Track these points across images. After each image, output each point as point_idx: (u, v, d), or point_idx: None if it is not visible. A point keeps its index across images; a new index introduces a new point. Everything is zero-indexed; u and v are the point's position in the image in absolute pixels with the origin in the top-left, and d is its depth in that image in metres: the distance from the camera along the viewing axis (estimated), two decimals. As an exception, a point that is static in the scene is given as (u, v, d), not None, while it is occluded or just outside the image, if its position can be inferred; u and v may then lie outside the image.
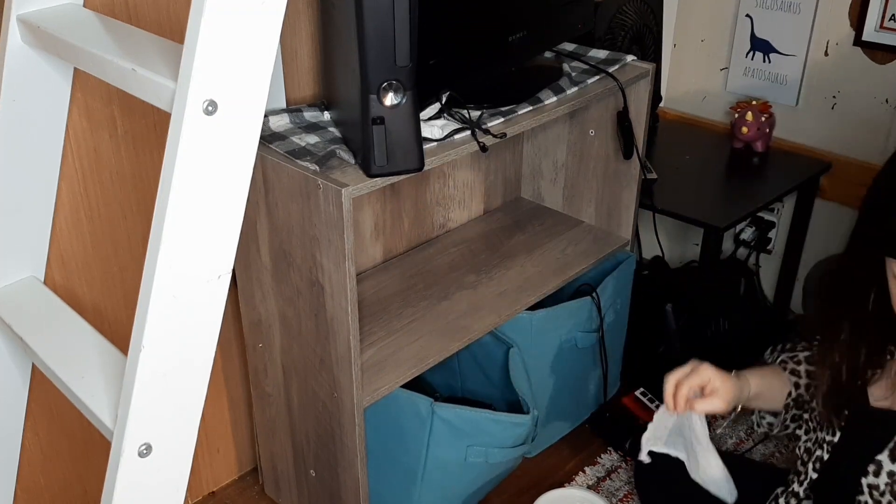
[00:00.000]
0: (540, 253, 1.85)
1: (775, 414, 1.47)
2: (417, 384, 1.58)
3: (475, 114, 1.45)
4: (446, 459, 1.56)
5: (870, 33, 1.95)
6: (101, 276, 1.45)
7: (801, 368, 1.42)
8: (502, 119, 1.47)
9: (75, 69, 1.23)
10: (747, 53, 2.17)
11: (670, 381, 1.34)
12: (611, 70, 1.68)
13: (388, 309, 1.65)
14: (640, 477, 1.67)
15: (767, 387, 1.41)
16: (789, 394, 1.42)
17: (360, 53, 1.17)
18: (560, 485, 1.79)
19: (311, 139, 1.38)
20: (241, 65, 0.91)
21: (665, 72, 2.34)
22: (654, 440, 1.42)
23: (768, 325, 2.22)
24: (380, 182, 1.28)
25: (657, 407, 1.95)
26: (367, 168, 1.26)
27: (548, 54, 1.77)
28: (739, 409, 1.39)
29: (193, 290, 0.96)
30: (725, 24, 2.20)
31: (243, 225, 1.00)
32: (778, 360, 1.46)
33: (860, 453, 1.25)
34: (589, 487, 1.79)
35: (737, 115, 2.11)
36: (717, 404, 1.32)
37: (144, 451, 1.00)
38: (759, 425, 1.51)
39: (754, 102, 2.11)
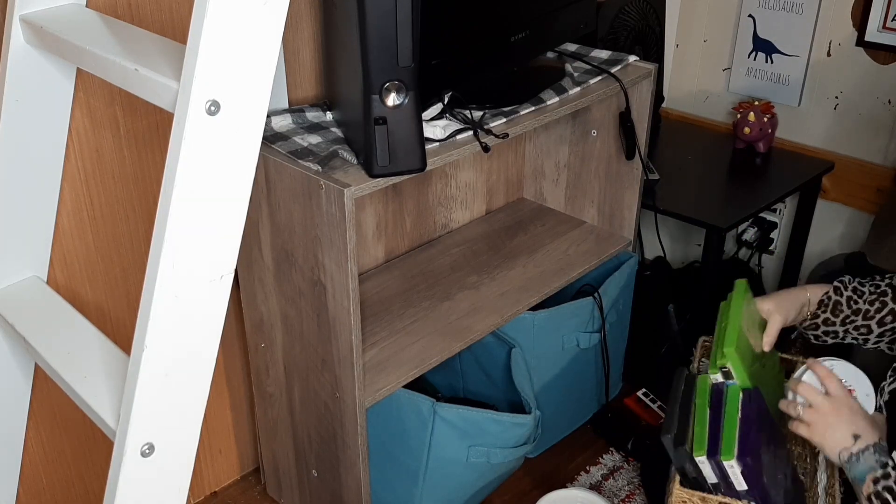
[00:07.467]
0: (542, 253, 1.85)
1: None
2: (419, 384, 1.58)
3: (477, 114, 1.45)
4: (448, 460, 1.56)
5: (872, 34, 1.95)
6: (104, 276, 1.45)
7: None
8: (504, 119, 1.46)
9: (78, 69, 1.23)
10: (750, 54, 2.17)
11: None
12: (613, 70, 1.68)
13: (390, 309, 1.65)
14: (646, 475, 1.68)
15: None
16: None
17: (363, 53, 1.17)
18: (562, 485, 1.79)
19: (314, 139, 1.39)
20: (244, 65, 0.91)
21: (667, 72, 2.34)
22: None
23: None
24: (382, 182, 1.28)
25: (659, 408, 1.96)
26: (370, 168, 1.26)
27: (550, 54, 1.77)
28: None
29: (196, 290, 0.96)
30: (728, 25, 2.20)
31: (245, 225, 1.00)
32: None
33: None
34: (591, 488, 1.79)
35: (739, 116, 2.11)
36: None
37: (147, 451, 1.00)
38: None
39: (756, 103, 2.11)
